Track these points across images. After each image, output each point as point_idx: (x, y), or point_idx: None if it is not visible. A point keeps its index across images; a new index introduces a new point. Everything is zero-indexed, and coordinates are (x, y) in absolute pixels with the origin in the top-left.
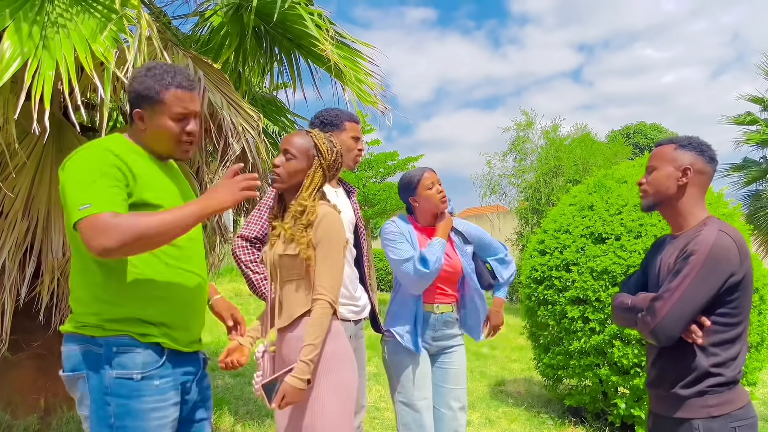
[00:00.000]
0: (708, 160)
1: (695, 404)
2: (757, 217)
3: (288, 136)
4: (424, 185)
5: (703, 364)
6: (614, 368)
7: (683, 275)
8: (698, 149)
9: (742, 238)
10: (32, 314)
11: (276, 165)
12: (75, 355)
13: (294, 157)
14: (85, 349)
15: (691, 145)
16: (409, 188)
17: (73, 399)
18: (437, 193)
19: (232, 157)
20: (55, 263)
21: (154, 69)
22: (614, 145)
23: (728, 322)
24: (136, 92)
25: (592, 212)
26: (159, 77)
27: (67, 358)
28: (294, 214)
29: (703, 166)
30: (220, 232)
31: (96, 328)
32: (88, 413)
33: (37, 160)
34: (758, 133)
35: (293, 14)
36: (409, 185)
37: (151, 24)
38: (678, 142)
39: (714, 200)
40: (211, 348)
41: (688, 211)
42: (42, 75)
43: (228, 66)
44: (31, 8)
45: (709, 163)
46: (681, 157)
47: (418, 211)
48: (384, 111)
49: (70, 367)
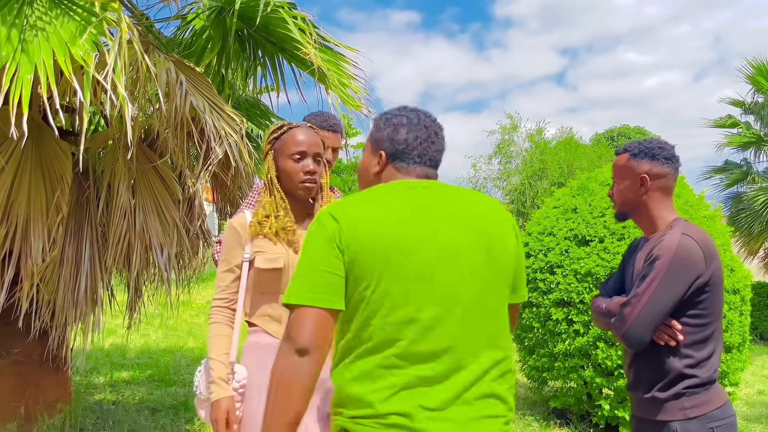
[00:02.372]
0: (664, 162)
1: (672, 407)
2: (738, 219)
3: (314, 138)
4: None
5: (676, 366)
6: (598, 370)
7: (649, 280)
8: (650, 155)
9: (707, 239)
10: (11, 321)
11: (314, 171)
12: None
13: (322, 160)
14: None
15: (643, 152)
16: None
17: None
18: None
19: (215, 161)
20: (35, 269)
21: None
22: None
23: (699, 323)
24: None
25: (576, 215)
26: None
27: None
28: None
29: (660, 170)
30: (203, 236)
31: None
32: None
33: (16, 164)
34: (739, 136)
35: (276, 18)
36: None
37: (131, 27)
38: (630, 151)
39: (695, 202)
40: (195, 353)
41: (656, 215)
42: (20, 79)
43: (211, 69)
44: (10, 12)
45: (665, 164)
46: (636, 167)
47: None
48: (368, 115)
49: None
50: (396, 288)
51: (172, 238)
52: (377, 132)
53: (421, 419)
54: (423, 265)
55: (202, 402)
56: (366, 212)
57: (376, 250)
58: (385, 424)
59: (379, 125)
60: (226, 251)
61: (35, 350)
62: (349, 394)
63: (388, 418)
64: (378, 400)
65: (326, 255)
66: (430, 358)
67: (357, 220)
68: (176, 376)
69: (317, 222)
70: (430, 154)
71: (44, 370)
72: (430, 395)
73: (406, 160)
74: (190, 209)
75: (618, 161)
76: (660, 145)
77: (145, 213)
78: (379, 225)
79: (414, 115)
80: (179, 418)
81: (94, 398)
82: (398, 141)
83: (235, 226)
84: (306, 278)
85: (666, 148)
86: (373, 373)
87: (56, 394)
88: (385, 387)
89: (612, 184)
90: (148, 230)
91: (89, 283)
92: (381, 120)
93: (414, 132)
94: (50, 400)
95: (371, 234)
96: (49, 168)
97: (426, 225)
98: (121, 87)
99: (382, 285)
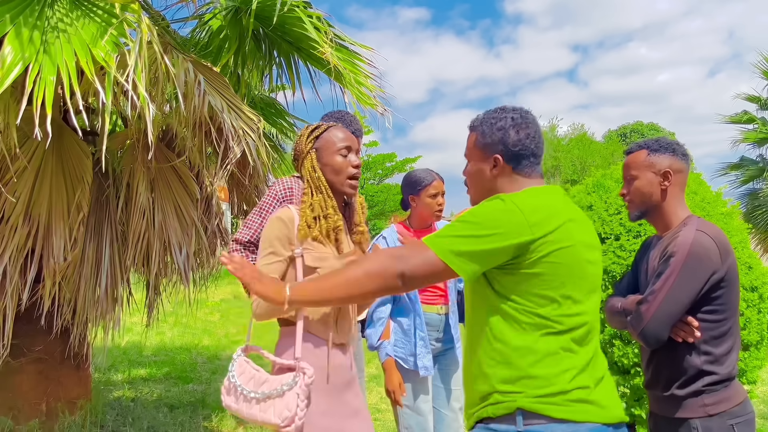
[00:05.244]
0: (682, 158)
1: (692, 404)
2: (754, 216)
3: (353, 135)
4: (428, 192)
5: (695, 362)
6: (614, 368)
7: (665, 277)
8: (671, 150)
9: (722, 235)
10: (33, 319)
11: (359, 165)
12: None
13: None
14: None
15: (663, 147)
16: (414, 188)
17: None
18: (437, 205)
19: (233, 160)
20: (57, 268)
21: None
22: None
23: (716, 319)
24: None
25: (591, 212)
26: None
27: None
28: (361, 214)
29: (680, 166)
30: (220, 235)
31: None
32: None
33: (37, 164)
34: (755, 132)
35: (292, 17)
36: (415, 185)
37: (151, 28)
38: (649, 147)
39: (712, 199)
40: (210, 350)
41: (672, 213)
42: (43, 80)
43: (227, 69)
44: (32, 13)
45: (682, 160)
46: (658, 162)
47: (413, 211)
48: (383, 113)
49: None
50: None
51: (190, 237)
52: (487, 136)
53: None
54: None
55: (231, 390)
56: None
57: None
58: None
59: (485, 131)
60: (270, 242)
61: (56, 348)
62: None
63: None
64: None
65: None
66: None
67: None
68: (193, 373)
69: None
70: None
71: (65, 368)
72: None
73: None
74: (208, 208)
75: (636, 157)
76: (676, 141)
77: (164, 212)
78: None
79: (516, 113)
80: (197, 415)
81: (113, 395)
82: (512, 143)
83: (283, 218)
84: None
85: (681, 144)
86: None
87: (77, 391)
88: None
89: (624, 184)
90: (166, 229)
91: (109, 282)
92: (485, 124)
93: (524, 131)
94: (71, 396)
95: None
96: (70, 168)
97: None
98: (141, 87)
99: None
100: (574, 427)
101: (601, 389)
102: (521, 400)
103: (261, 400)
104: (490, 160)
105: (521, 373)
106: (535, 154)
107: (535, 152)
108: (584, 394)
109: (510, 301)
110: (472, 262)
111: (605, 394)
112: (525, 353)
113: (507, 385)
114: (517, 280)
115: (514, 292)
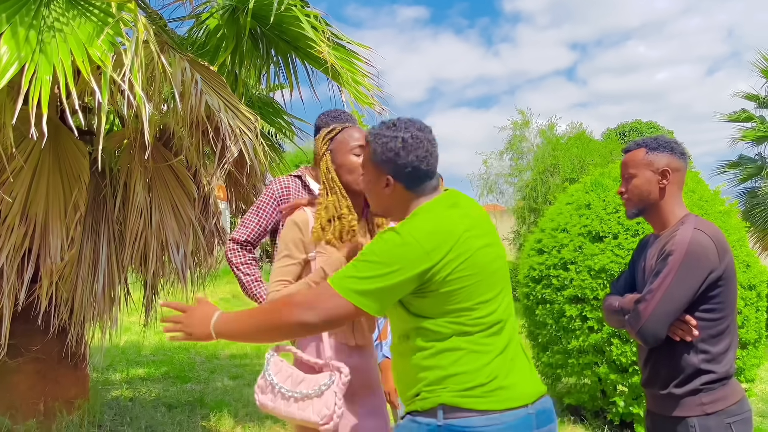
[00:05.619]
0: (680, 157)
1: (690, 402)
2: (753, 214)
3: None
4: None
5: (693, 361)
6: (613, 366)
7: (663, 276)
8: (669, 148)
9: (719, 234)
10: (31, 318)
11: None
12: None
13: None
14: None
15: (662, 145)
16: None
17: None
18: None
19: (230, 160)
20: (54, 267)
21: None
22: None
23: (713, 317)
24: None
25: (590, 211)
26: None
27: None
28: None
29: (678, 164)
30: (217, 234)
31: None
32: None
33: (34, 164)
34: (754, 130)
35: (289, 16)
36: None
37: (147, 27)
38: (647, 145)
39: (710, 198)
40: (209, 350)
41: (669, 211)
42: (39, 79)
43: (224, 68)
44: (28, 12)
45: (681, 158)
46: (656, 160)
47: None
48: (381, 112)
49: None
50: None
51: (187, 237)
52: (379, 155)
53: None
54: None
55: (267, 389)
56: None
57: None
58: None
59: (377, 149)
60: (286, 245)
61: (54, 347)
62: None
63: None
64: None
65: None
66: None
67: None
68: (191, 373)
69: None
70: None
71: (63, 367)
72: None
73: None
74: (205, 207)
75: (634, 156)
76: (674, 140)
77: (161, 211)
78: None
79: (408, 133)
80: (195, 414)
81: (111, 395)
82: (403, 165)
83: (297, 222)
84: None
85: (679, 143)
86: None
87: (74, 390)
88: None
89: (621, 182)
90: (164, 228)
91: (107, 281)
92: (378, 143)
93: (415, 152)
94: (69, 396)
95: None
96: (67, 167)
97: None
98: (138, 87)
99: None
100: (495, 416)
101: (516, 372)
102: (444, 396)
103: (299, 399)
104: (383, 179)
105: (444, 373)
106: (428, 173)
107: (427, 171)
108: (501, 382)
109: (427, 319)
110: (379, 300)
111: (520, 375)
112: (446, 355)
113: (432, 386)
114: (430, 302)
115: (429, 312)
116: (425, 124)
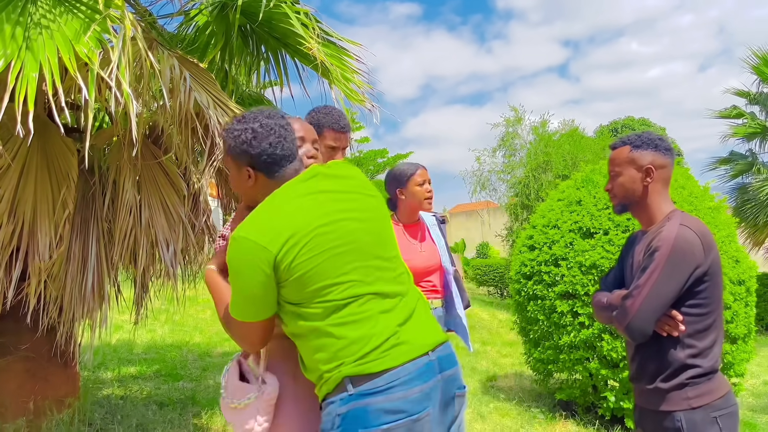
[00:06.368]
0: (665, 153)
1: (676, 397)
2: (743, 210)
3: (309, 126)
4: (415, 181)
5: (679, 356)
6: (603, 362)
7: (649, 272)
8: (653, 145)
9: (705, 229)
10: (19, 317)
11: (312, 156)
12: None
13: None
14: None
15: (646, 143)
16: (401, 180)
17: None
18: (426, 192)
19: (219, 157)
20: (42, 266)
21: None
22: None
23: (699, 312)
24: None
25: (580, 207)
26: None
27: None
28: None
29: (662, 161)
30: (208, 232)
31: None
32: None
33: (21, 162)
34: (744, 127)
35: (279, 13)
36: (400, 177)
37: (135, 24)
38: (632, 143)
39: (700, 193)
40: (201, 348)
41: (655, 208)
42: (26, 77)
43: (214, 65)
44: (14, 9)
45: (666, 155)
46: (640, 158)
47: (402, 205)
48: (372, 109)
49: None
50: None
51: (177, 234)
52: (233, 149)
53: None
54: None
55: (227, 404)
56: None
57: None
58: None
59: (230, 144)
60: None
61: (43, 346)
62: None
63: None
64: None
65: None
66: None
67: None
68: (183, 370)
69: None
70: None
71: (52, 366)
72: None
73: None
74: (195, 205)
75: (619, 154)
76: (659, 136)
77: (151, 209)
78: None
79: (256, 123)
80: (186, 412)
81: (102, 393)
82: (257, 154)
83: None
84: None
85: (664, 139)
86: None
87: (65, 389)
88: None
89: (608, 179)
90: (153, 226)
91: (96, 279)
92: (230, 137)
93: (267, 140)
94: (59, 395)
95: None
96: (55, 165)
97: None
98: (125, 84)
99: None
100: (396, 371)
101: (410, 328)
102: (344, 369)
103: (232, 408)
104: (244, 172)
105: (334, 348)
106: (285, 158)
107: (284, 156)
108: (395, 340)
109: (299, 305)
110: (256, 305)
111: (415, 330)
112: (330, 332)
113: (328, 365)
114: (292, 289)
115: (297, 299)
116: (275, 111)
